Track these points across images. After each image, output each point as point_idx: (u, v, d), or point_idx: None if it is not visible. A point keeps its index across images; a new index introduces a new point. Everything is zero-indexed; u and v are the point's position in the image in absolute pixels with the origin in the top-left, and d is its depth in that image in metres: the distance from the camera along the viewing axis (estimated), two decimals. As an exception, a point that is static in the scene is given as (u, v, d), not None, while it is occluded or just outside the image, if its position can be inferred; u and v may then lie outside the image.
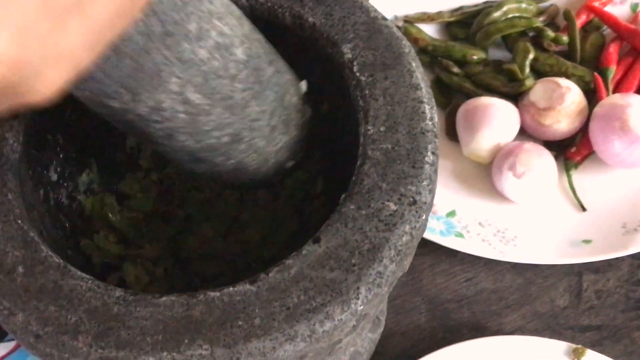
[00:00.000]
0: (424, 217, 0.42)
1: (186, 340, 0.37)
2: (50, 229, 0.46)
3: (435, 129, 0.44)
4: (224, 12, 0.41)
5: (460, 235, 0.72)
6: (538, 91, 0.77)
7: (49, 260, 0.40)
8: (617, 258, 0.72)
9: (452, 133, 0.78)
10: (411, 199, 0.42)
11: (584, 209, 0.74)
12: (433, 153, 0.44)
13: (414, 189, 0.42)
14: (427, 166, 0.43)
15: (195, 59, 0.39)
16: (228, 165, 0.47)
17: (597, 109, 0.75)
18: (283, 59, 0.48)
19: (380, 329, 0.62)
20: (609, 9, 0.86)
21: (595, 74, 0.79)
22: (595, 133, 0.75)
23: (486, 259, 0.71)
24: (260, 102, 0.45)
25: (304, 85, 0.50)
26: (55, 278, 0.39)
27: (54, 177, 0.50)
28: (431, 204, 0.43)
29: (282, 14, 0.49)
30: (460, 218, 0.74)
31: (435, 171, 0.44)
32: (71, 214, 0.47)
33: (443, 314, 0.70)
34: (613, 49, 0.82)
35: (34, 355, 0.39)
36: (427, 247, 0.72)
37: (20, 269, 0.40)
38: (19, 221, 0.41)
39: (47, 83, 0.25)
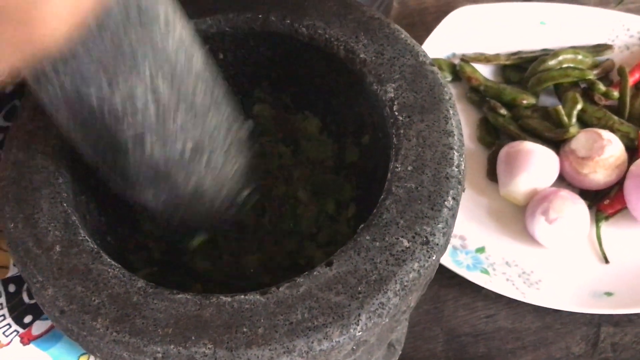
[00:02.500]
0: (434, 258, 0.42)
1: (193, 337, 0.38)
2: (95, 215, 0.48)
3: (460, 176, 0.44)
4: (182, 17, 0.41)
5: (485, 272, 0.71)
6: (580, 140, 0.75)
7: (84, 244, 0.41)
8: (637, 314, 0.70)
9: (492, 172, 0.77)
10: (424, 239, 0.41)
11: (607, 261, 0.72)
12: (454, 199, 0.43)
13: (429, 229, 0.42)
14: (445, 210, 0.42)
15: (165, 47, 0.39)
16: (188, 188, 0.46)
17: (633, 167, 0.73)
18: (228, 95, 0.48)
19: (395, 358, 0.62)
20: (663, 69, 0.83)
21: (640, 132, 0.77)
22: (630, 190, 0.73)
23: (508, 298, 0.70)
24: (218, 113, 0.44)
25: (251, 122, 0.50)
26: (87, 261, 0.40)
27: None
28: (444, 247, 0.43)
29: (337, 47, 0.49)
30: (489, 255, 0.72)
31: (453, 216, 0.43)
32: (117, 203, 0.48)
33: (459, 346, 0.69)
34: (661, 110, 0.79)
35: (58, 328, 0.40)
36: (455, 280, 0.71)
37: (58, 248, 0.41)
38: (64, 204, 0.42)
39: (54, 11, 0.26)
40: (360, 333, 0.39)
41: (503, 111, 0.79)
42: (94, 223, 0.47)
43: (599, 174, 0.74)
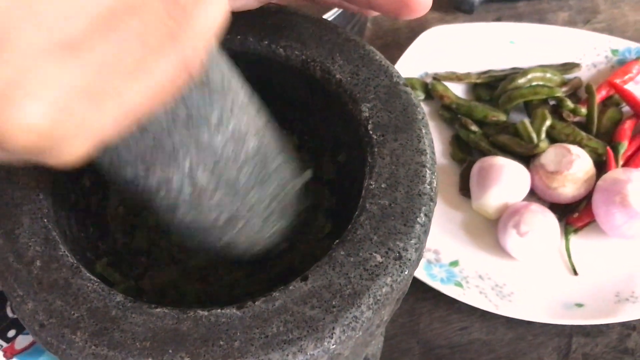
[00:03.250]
0: (406, 273, 0.42)
1: (170, 351, 0.38)
2: (75, 230, 0.48)
3: (432, 194, 0.44)
4: (245, 104, 0.41)
5: (459, 284, 0.71)
6: (549, 155, 0.76)
7: (64, 259, 0.41)
8: (607, 325, 0.71)
9: (465, 188, 0.78)
10: (397, 254, 0.42)
11: (576, 273, 0.73)
12: (426, 215, 0.44)
13: (401, 245, 0.42)
14: (418, 226, 0.43)
15: (211, 145, 0.39)
16: (220, 243, 0.46)
17: (600, 182, 0.75)
18: (291, 149, 0.48)
19: (371, 372, 0.62)
20: (630, 86, 0.85)
21: (608, 147, 0.78)
22: (597, 204, 0.74)
23: (482, 310, 0.71)
24: (262, 190, 0.44)
25: (309, 173, 0.49)
26: (67, 276, 0.40)
27: (87, 183, 0.51)
28: (417, 262, 0.43)
29: (313, 68, 0.49)
30: (462, 268, 0.73)
31: (426, 232, 0.44)
32: (98, 219, 0.48)
33: (435, 358, 0.70)
34: (628, 126, 0.81)
35: (37, 341, 0.40)
36: (429, 293, 0.72)
37: (38, 263, 0.41)
38: (45, 220, 0.42)
39: (71, 151, 0.25)
40: (334, 346, 0.39)
41: (474, 128, 0.80)
42: (74, 238, 0.47)
43: (567, 188, 0.75)
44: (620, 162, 0.78)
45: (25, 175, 0.44)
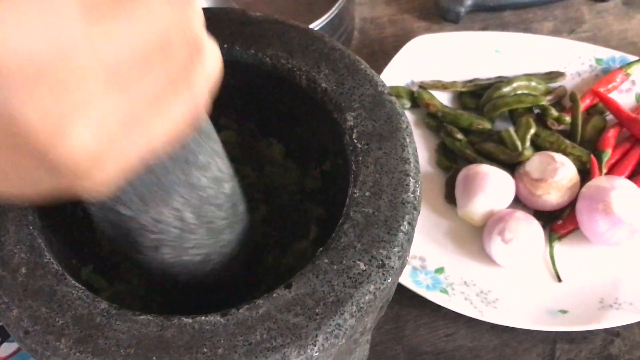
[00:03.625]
0: (389, 281, 0.42)
1: (154, 358, 0.38)
2: (60, 237, 0.48)
3: (416, 202, 0.45)
4: (221, 153, 0.43)
5: (445, 291, 0.72)
6: (534, 162, 0.77)
7: (49, 266, 0.41)
8: (591, 331, 0.71)
9: (450, 195, 0.79)
10: (380, 262, 0.42)
11: (559, 280, 0.74)
12: (409, 224, 0.44)
13: (385, 253, 0.42)
14: (401, 234, 0.43)
15: (199, 185, 0.41)
16: (188, 281, 0.48)
17: (584, 189, 0.75)
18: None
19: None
20: (614, 95, 0.85)
21: (592, 155, 0.79)
22: (581, 211, 0.75)
23: (467, 317, 0.71)
24: (231, 231, 0.47)
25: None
26: (52, 283, 0.40)
27: None
28: (400, 270, 0.44)
29: (299, 76, 0.50)
30: (448, 275, 0.73)
31: (409, 240, 0.44)
32: (83, 226, 0.48)
33: (421, 365, 0.70)
34: (612, 134, 0.81)
35: (22, 348, 0.40)
36: (415, 299, 0.72)
37: (23, 270, 0.41)
38: (30, 227, 0.42)
39: (101, 176, 0.27)
40: (317, 353, 0.39)
41: (460, 136, 0.81)
42: (60, 245, 0.47)
43: (552, 196, 0.75)
44: (604, 170, 0.79)
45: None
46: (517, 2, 0.98)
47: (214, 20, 0.50)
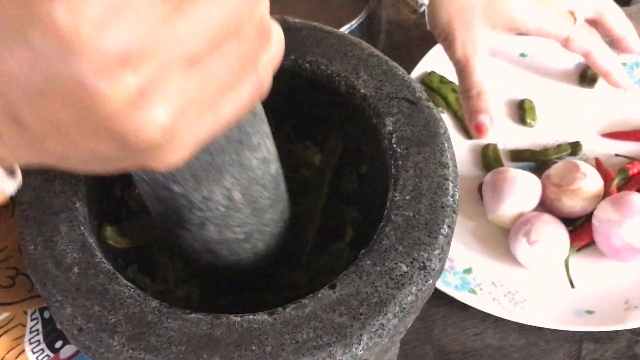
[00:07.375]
0: (430, 282, 0.43)
1: (205, 355, 0.39)
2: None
3: (454, 206, 0.46)
4: (269, 135, 0.45)
5: (473, 291, 0.73)
6: (558, 167, 0.77)
7: (101, 266, 0.42)
8: (617, 331, 0.72)
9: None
10: (422, 264, 0.43)
11: (572, 286, 0.74)
12: (449, 227, 0.45)
13: (426, 255, 0.43)
14: (441, 237, 0.44)
15: (249, 166, 0.43)
16: (228, 259, 0.49)
17: (598, 211, 0.74)
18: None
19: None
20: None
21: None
22: (595, 229, 0.74)
23: (495, 316, 0.72)
24: (273, 211, 0.48)
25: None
26: (104, 282, 0.42)
27: (118, 193, 0.53)
28: (440, 272, 0.45)
29: (338, 82, 0.51)
30: (476, 276, 0.74)
31: (449, 243, 0.45)
32: (131, 227, 0.50)
33: (449, 364, 0.71)
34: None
35: (75, 345, 0.41)
36: (443, 299, 0.73)
37: (76, 269, 0.42)
38: (81, 227, 0.44)
39: (176, 154, 0.28)
40: (361, 352, 0.40)
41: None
42: (106, 245, 0.48)
43: (568, 203, 0.75)
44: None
45: (61, 184, 0.46)
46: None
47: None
